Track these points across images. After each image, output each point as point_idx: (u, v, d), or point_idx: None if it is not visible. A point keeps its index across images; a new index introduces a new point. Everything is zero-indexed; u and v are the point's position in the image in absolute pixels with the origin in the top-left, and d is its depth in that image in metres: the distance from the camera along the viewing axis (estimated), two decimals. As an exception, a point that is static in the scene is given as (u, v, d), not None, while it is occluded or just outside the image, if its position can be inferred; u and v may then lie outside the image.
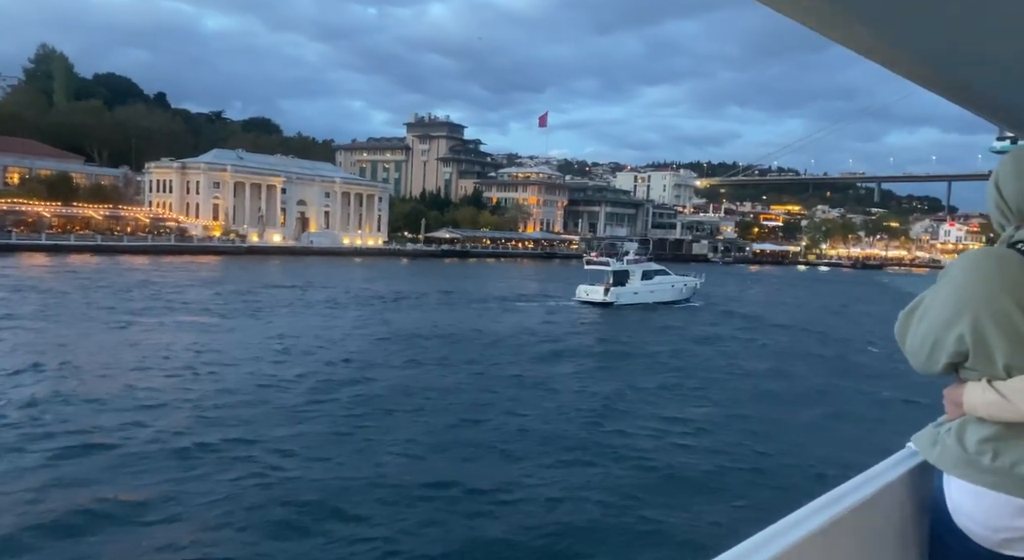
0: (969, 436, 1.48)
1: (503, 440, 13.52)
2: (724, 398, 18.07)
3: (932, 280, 1.47)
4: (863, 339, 31.35)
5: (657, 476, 11.78)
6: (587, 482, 11.32)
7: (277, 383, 17.65)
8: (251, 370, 19.10)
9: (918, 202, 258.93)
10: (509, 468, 11.91)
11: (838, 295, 63.40)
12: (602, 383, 19.34)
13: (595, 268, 42.74)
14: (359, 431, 13.72)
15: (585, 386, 18.92)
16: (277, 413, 14.89)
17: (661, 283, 43.21)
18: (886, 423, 14.91)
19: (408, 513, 9.80)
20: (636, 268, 42.96)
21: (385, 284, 51.21)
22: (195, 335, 24.75)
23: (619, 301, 40.26)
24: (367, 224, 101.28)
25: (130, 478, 10.77)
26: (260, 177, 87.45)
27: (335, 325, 29.05)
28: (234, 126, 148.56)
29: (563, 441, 13.58)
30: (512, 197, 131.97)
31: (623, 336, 30.10)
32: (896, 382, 18.86)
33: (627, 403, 17.15)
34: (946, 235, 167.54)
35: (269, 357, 21.11)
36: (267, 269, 61.21)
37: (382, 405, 15.84)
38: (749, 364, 23.59)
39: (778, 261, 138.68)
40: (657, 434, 14.35)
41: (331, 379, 18.33)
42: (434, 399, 16.60)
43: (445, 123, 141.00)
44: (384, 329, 28.63)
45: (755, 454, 13.17)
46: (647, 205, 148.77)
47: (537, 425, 14.64)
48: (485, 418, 15.10)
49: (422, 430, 13.96)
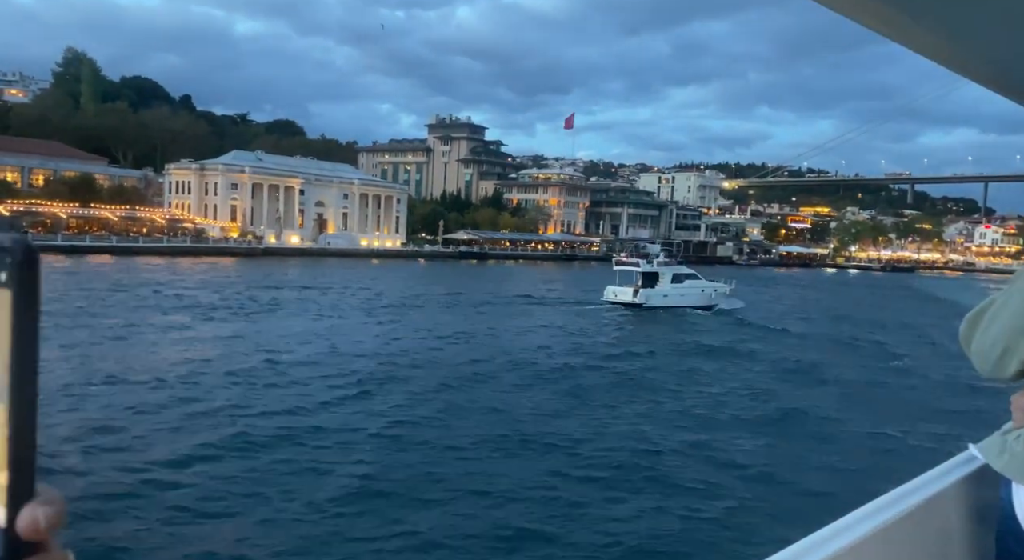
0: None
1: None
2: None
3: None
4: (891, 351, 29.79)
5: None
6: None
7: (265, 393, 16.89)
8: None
9: (953, 204, 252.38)
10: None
11: (862, 301, 61.20)
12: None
13: (624, 269, 42.49)
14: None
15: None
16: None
17: (691, 287, 42.65)
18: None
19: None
20: (666, 270, 42.52)
21: (415, 286, 50.57)
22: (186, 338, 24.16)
23: (648, 303, 39.87)
24: (385, 226, 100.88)
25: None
26: (278, 178, 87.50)
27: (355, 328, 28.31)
28: (258, 128, 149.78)
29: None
30: (533, 198, 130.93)
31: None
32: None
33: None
34: (981, 237, 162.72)
35: (265, 365, 20.45)
36: (279, 271, 60.90)
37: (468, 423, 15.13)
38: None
39: (805, 264, 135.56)
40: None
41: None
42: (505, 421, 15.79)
43: (466, 124, 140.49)
44: (412, 333, 27.91)
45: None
46: (671, 206, 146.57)
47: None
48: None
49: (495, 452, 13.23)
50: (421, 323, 31.34)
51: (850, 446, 14.39)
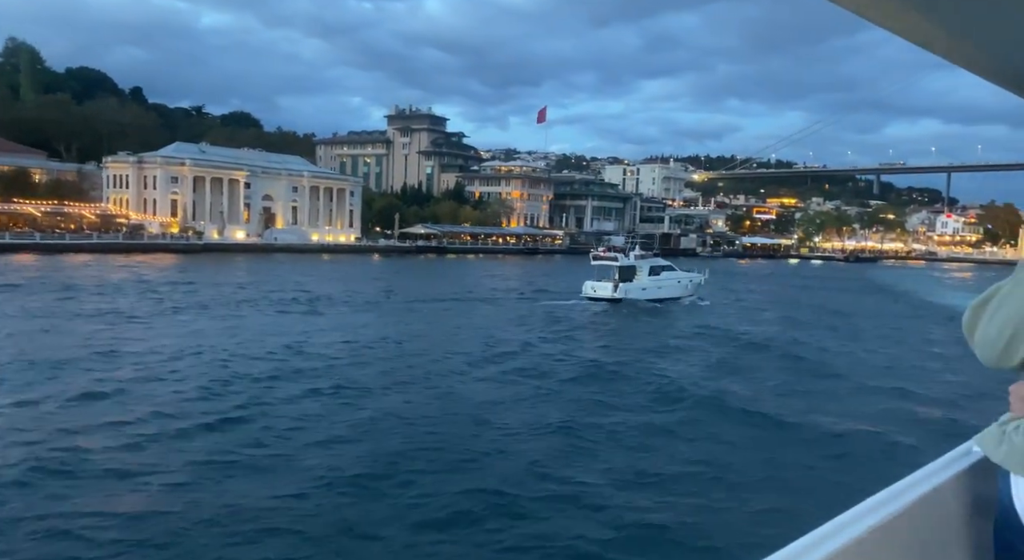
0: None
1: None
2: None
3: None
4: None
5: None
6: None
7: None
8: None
9: (918, 194, 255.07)
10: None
11: (817, 293, 59.95)
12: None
13: (602, 264, 41.94)
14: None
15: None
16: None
17: (668, 279, 42.46)
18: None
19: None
20: (643, 263, 42.09)
21: (365, 283, 48.00)
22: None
23: (628, 297, 39.40)
24: (338, 220, 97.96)
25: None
26: (222, 171, 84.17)
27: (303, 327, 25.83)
28: (212, 121, 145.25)
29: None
30: (496, 191, 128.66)
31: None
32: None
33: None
34: (943, 227, 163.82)
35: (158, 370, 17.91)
36: (214, 268, 57.98)
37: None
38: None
39: (769, 255, 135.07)
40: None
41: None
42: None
43: (427, 115, 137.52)
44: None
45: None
46: (635, 198, 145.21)
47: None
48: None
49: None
50: (345, 325, 28.99)
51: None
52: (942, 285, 73.53)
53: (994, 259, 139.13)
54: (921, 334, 32.70)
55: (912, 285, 68.00)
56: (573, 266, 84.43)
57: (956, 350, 22.93)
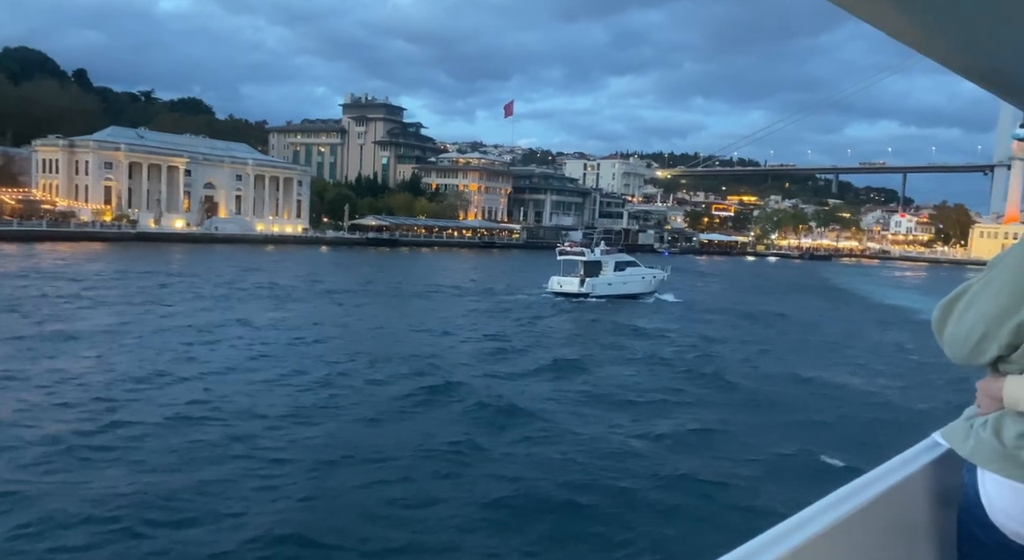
0: (1008, 431, 1.42)
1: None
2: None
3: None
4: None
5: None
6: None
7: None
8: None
9: (875, 194, 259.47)
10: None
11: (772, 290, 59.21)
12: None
13: (568, 259, 42.22)
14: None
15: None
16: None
17: (632, 275, 42.81)
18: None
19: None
20: (608, 259, 42.38)
21: (297, 276, 45.52)
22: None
23: (594, 292, 39.73)
24: (285, 210, 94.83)
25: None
26: (160, 157, 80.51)
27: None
28: (160, 106, 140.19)
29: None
30: (453, 183, 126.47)
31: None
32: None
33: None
34: (897, 226, 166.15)
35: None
36: (142, 257, 54.95)
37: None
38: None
39: (726, 252, 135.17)
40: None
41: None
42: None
43: (383, 105, 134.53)
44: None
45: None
46: (595, 194, 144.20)
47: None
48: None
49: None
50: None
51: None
52: (899, 287, 73.52)
53: (945, 258, 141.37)
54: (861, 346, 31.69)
55: (863, 286, 67.68)
56: (531, 261, 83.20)
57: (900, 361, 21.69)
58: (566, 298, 39.37)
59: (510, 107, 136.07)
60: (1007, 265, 1.40)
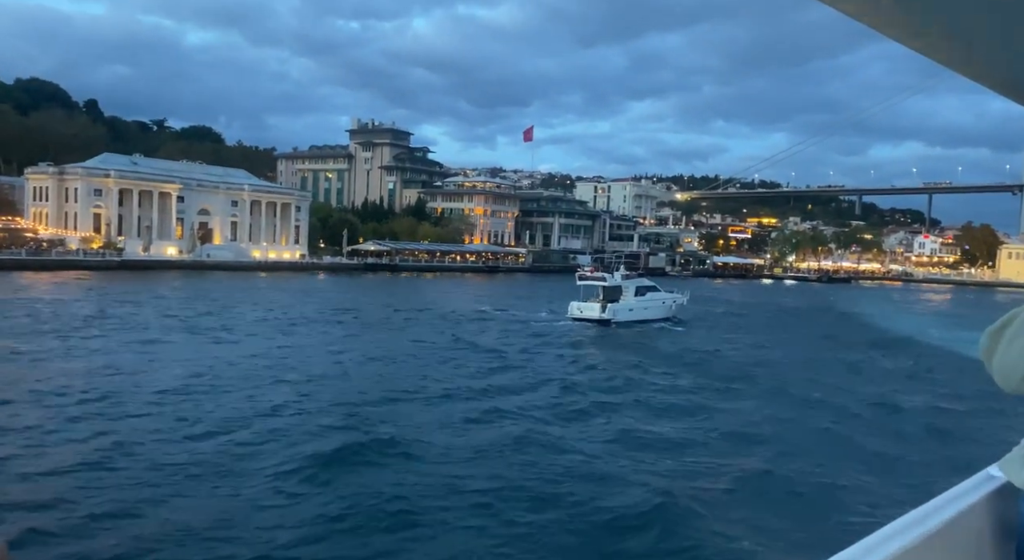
0: None
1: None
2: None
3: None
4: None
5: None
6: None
7: None
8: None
9: (901, 215, 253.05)
10: None
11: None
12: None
13: (588, 284, 41.20)
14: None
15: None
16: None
17: (653, 300, 42.09)
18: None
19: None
20: (629, 284, 41.52)
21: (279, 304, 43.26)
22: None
23: (616, 318, 38.75)
24: (283, 236, 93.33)
25: None
26: (151, 184, 79.51)
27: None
28: (169, 135, 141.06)
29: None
30: (459, 208, 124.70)
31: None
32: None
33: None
34: (920, 247, 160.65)
35: None
36: (118, 287, 53.20)
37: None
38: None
39: (741, 275, 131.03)
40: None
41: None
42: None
43: (389, 129, 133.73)
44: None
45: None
46: (604, 216, 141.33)
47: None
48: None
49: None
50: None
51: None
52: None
53: (971, 280, 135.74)
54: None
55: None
56: (536, 285, 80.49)
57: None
58: (588, 324, 38.18)
59: (530, 132, 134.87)
60: None
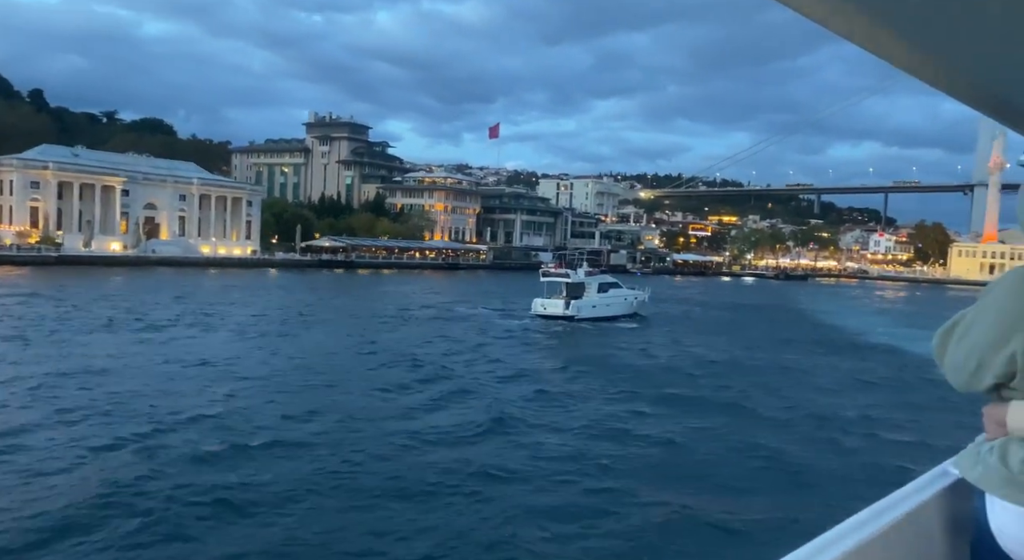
0: (1013, 456, 1.42)
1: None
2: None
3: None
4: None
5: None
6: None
7: None
8: None
9: (858, 214, 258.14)
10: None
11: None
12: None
13: (552, 280, 41.44)
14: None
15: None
16: None
17: (615, 296, 42.49)
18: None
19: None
20: (592, 280, 41.79)
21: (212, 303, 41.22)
22: None
23: (579, 315, 38.99)
24: (234, 231, 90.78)
25: None
26: (93, 177, 76.48)
27: None
28: (119, 127, 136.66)
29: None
30: (419, 203, 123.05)
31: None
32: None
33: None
34: (876, 245, 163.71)
35: None
36: (42, 284, 50.63)
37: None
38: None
39: (700, 272, 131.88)
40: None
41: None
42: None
43: (347, 123, 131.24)
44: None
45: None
46: (566, 213, 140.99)
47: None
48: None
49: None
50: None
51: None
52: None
53: (923, 277, 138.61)
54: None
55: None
56: (497, 282, 79.23)
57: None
58: (551, 320, 38.24)
59: (496, 129, 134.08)
60: (995, 297, 1.40)
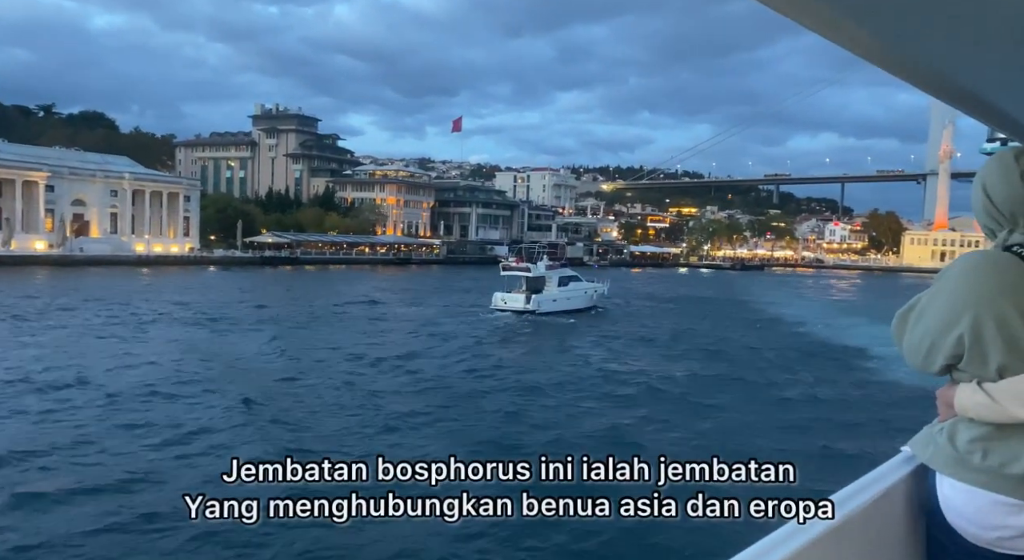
0: (960, 436, 1.49)
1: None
2: None
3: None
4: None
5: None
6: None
7: None
8: None
9: (817, 204, 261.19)
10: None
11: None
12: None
13: (513, 274, 41.39)
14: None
15: None
16: None
17: (576, 290, 42.79)
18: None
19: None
20: (552, 274, 41.95)
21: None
22: None
23: (540, 309, 38.97)
24: (171, 228, 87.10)
25: None
26: (14, 171, 72.36)
27: None
28: (56, 121, 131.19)
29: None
30: (370, 197, 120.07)
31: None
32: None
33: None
34: (831, 235, 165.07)
35: None
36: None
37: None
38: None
39: (658, 263, 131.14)
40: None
41: None
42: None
43: (295, 115, 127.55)
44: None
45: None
46: (523, 206, 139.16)
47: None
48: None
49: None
50: None
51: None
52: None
53: (877, 266, 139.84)
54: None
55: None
56: (448, 278, 77.09)
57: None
58: (512, 315, 38.00)
59: (458, 123, 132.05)
60: (947, 279, 1.47)
